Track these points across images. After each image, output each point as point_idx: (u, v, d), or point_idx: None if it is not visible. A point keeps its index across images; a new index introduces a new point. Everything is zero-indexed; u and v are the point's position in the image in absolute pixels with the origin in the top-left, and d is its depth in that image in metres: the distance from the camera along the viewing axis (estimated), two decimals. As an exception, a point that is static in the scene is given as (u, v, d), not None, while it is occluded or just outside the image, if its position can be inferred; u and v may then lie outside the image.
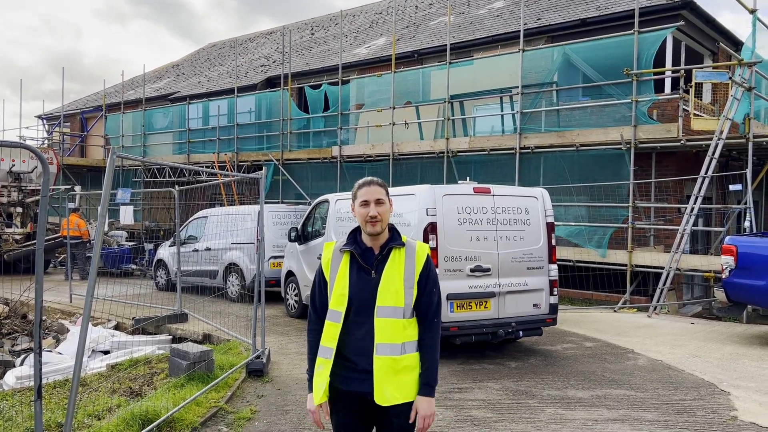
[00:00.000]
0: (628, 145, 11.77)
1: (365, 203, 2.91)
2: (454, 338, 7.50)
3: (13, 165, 17.13)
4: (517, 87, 13.48)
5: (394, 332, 2.84)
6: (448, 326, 7.37)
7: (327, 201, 10.15)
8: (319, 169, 17.84)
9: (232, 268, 12.72)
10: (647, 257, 11.89)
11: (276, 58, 24.53)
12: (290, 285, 11.02)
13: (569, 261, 12.41)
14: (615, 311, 11.54)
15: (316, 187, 17.08)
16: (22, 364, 8.44)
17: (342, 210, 9.54)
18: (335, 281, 2.92)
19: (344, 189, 15.63)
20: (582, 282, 12.71)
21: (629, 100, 11.85)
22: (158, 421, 4.93)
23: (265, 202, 8.68)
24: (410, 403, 2.85)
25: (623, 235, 12.20)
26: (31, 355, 8.40)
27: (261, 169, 9.04)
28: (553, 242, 8.19)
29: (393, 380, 2.81)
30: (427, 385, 2.89)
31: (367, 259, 2.92)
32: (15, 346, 9.29)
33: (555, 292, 8.08)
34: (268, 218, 12.08)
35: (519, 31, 13.67)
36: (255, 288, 7.65)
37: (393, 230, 3.00)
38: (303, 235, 10.58)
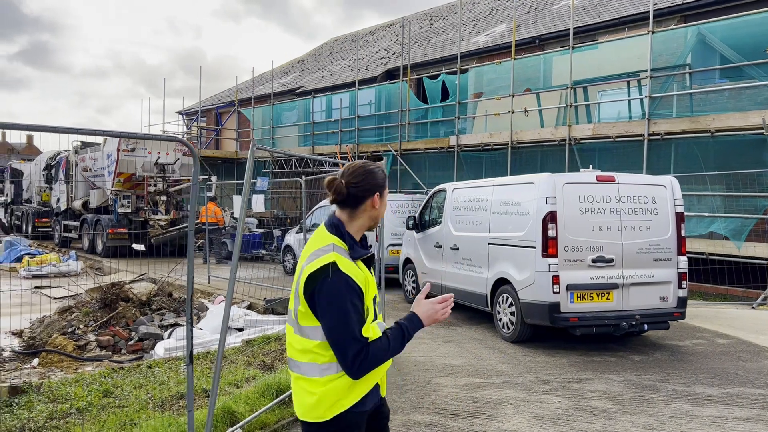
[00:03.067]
0: (772, 130, 10.85)
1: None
2: (573, 329, 7.40)
3: (159, 157, 18.79)
4: (646, 71, 12.81)
5: None
6: (568, 317, 7.29)
7: (444, 190, 10.29)
8: (437, 159, 17.99)
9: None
10: (793, 251, 10.93)
11: (395, 50, 24.93)
12: (408, 271, 11.30)
13: (702, 254, 11.68)
14: (753, 308, 10.73)
15: (433, 177, 17.25)
16: (169, 336, 9.35)
17: (459, 199, 9.64)
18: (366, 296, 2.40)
19: (461, 178, 15.68)
20: (716, 276, 11.93)
21: (774, 81, 10.92)
22: (289, 392, 5.35)
23: (385, 191, 8.97)
24: None
25: (764, 226, 11.29)
26: (178, 329, 9.33)
27: (380, 159, 9.34)
28: (683, 233, 7.80)
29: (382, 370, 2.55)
30: None
31: (371, 262, 2.58)
32: (163, 321, 10.28)
33: (684, 285, 7.71)
34: (387, 207, 12.43)
35: (648, 11, 12.97)
36: (374, 273, 7.96)
37: None
38: (420, 223, 10.80)
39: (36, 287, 13.91)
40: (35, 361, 8.39)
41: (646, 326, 7.51)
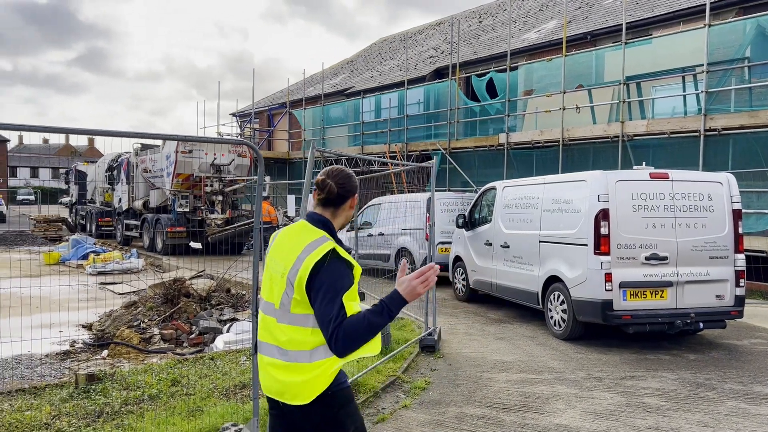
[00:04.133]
0: (837, 124, 10.48)
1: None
2: (626, 327, 7.38)
3: (215, 158, 19.40)
4: (702, 65, 12.53)
5: None
6: (620, 314, 7.27)
7: (494, 188, 10.34)
8: (486, 157, 17.98)
9: (402, 252, 13.40)
10: None
11: (444, 48, 24.98)
12: (458, 269, 11.40)
13: (762, 252, 11.37)
14: (817, 308, 10.40)
15: (482, 175, 17.27)
16: (228, 330, 9.72)
17: (510, 197, 9.68)
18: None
19: (511, 176, 15.65)
20: (777, 275, 11.58)
21: (839, 73, 10.53)
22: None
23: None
24: None
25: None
26: (236, 324, 9.70)
27: (429, 158, 9.49)
28: (740, 230, 7.66)
29: None
30: None
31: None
32: (222, 315, 10.69)
33: (742, 284, 7.58)
34: (436, 205, 12.54)
35: (704, 4, 12.67)
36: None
37: None
38: (470, 221, 10.88)
39: (101, 283, 14.63)
40: (105, 353, 8.88)
41: (701, 325, 7.42)
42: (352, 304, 2.43)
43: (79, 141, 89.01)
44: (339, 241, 2.58)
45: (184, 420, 4.75)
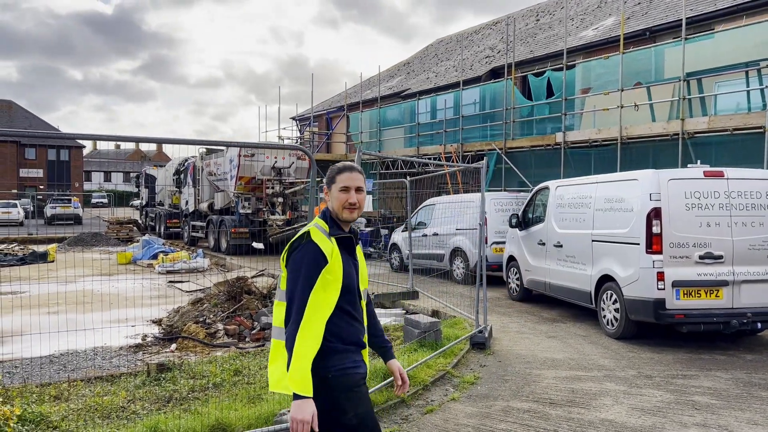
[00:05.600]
0: None
1: (346, 189, 2.81)
2: (680, 326, 7.34)
3: (276, 162, 20.06)
4: (766, 59, 12.14)
5: (364, 312, 2.91)
6: (673, 313, 7.24)
7: (547, 188, 10.38)
8: (543, 156, 17.88)
9: (457, 252, 13.55)
10: None
11: (500, 48, 24.91)
12: (512, 269, 11.47)
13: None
14: None
15: (539, 175, 17.17)
16: (287, 326, 10.16)
17: (564, 196, 9.71)
18: (332, 267, 2.72)
19: (568, 175, 15.53)
20: None
21: None
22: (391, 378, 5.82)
23: (488, 190, 9.26)
24: None
25: None
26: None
27: (482, 158, 9.62)
28: (801, 229, 7.47)
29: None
30: (392, 348, 3.10)
31: (352, 245, 2.86)
32: (281, 312, 11.18)
33: (802, 283, 7.39)
34: (491, 205, 12.64)
35: (769, -5, 12.29)
36: (477, 270, 8.30)
37: None
38: (524, 221, 10.94)
39: (170, 281, 15.43)
40: (173, 346, 9.45)
41: (759, 325, 7.30)
42: (319, 297, 2.60)
43: (149, 146, 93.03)
44: (332, 226, 2.78)
45: (245, 406, 5.11)
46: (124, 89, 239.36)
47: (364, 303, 2.89)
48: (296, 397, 2.51)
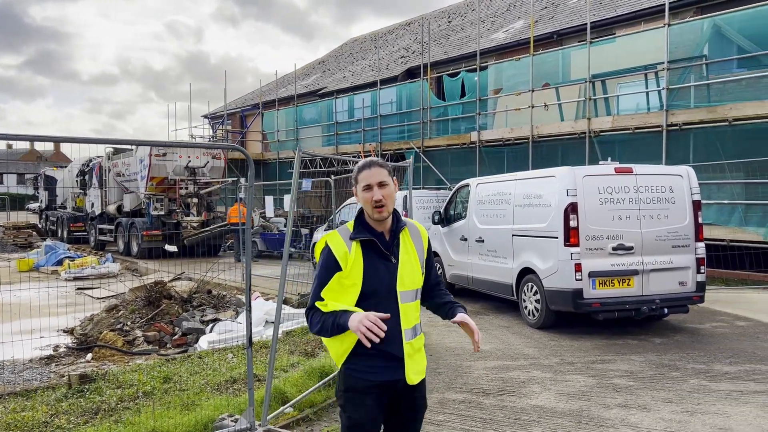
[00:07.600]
0: (789, 118, 11.07)
1: (368, 187, 2.73)
2: (596, 314, 7.77)
3: (189, 161, 19.43)
4: (663, 63, 13.08)
5: (414, 315, 2.83)
6: (590, 302, 7.66)
7: (468, 185, 10.69)
8: (459, 155, 18.36)
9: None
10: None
11: (415, 48, 25.31)
12: (435, 265, 11.70)
13: (722, 240, 11.94)
14: (775, 293, 10.97)
15: (455, 173, 17.63)
16: (211, 331, 9.87)
17: (483, 193, 10.03)
18: (349, 272, 2.70)
19: (483, 173, 16.03)
20: (737, 262, 12.17)
21: (790, 69, 11.12)
22: (333, 374, 5.82)
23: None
24: (424, 380, 2.94)
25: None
26: (219, 323, 9.86)
27: (403, 157, 9.79)
28: (700, 220, 8.12)
29: (416, 361, 2.83)
30: (462, 307, 2.98)
31: (384, 245, 2.76)
32: (204, 316, 10.84)
33: (702, 270, 8.03)
34: (413, 203, 12.84)
35: (664, 4, 13.21)
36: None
37: (393, 211, 2.84)
38: (446, 218, 11.21)
39: (79, 288, 14.60)
40: (89, 356, 8.97)
41: (666, 310, 7.86)
42: (331, 299, 2.70)
43: (45, 146, 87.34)
44: (357, 227, 2.77)
45: (180, 413, 4.95)
46: (9, 86, 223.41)
47: (414, 304, 2.83)
48: (344, 327, 2.60)
